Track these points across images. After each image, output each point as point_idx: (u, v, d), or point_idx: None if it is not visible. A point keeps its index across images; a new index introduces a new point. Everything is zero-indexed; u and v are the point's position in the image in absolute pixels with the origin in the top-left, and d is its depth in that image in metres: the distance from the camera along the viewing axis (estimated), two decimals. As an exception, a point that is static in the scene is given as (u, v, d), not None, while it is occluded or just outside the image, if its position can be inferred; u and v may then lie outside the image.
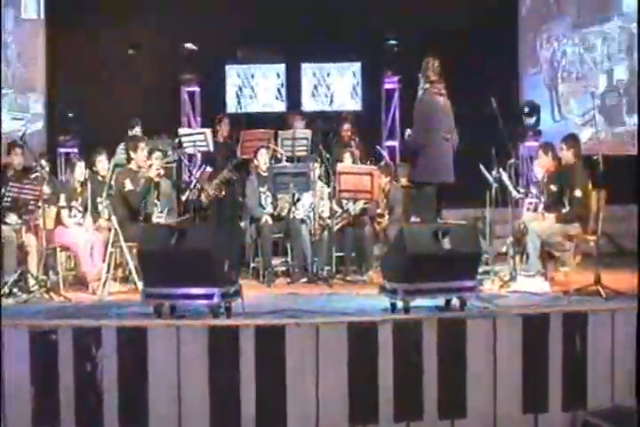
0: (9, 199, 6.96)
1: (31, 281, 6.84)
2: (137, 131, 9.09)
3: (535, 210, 7.40)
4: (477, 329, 5.33)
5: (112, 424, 5.10)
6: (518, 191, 7.56)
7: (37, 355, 5.17)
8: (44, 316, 5.71)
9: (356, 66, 11.44)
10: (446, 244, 5.54)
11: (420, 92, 6.90)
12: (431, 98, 6.83)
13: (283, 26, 10.83)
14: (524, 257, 7.23)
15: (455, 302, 5.73)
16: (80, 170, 7.55)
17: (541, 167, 7.52)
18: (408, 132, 6.95)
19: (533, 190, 7.67)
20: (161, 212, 7.62)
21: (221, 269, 5.60)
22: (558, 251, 6.96)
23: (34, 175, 7.19)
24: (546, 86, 11.59)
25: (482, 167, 7.69)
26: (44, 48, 10.84)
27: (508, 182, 7.42)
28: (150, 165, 7.47)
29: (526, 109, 10.47)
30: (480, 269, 6.53)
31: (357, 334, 5.21)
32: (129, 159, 7.53)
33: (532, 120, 10.43)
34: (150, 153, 7.63)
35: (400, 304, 5.56)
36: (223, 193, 8.33)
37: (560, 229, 6.86)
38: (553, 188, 7.08)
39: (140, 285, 6.30)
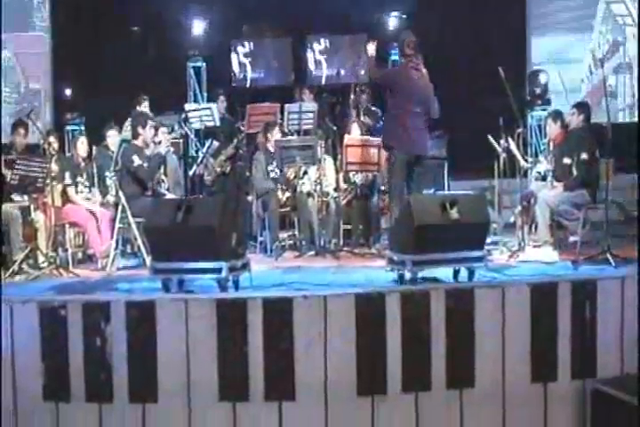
0: (16, 177, 6.97)
1: (41, 258, 6.89)
2: (144, 107, 9.07)
3: (544, 179, 7.35)
4: (485, 299, 5.29)
5: (122, 398, 5.12)
6: (526, 161, 7.52)
7: (47, 330, 5.18)
8: (53, 292, 5.73)
9: (363, 37, 11.33)
10: (454, 214, 5.50)
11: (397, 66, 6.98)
12: (405, 71, 6.90)
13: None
14: (533, 227, 7.21)
15: (463, 272, 5.71)
16: (83, 146, 7.56)
17: (550, 135, 7.47)
18: None
19: (542, 159, 7.62)
20: (168, 188, 7.62)
21: (229, 243, 5.60)
22: (567, 220, 6.92)
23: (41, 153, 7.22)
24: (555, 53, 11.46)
25: (490, 137, 7.64)
26: (50, 26, 10.77)
27: (516, 152, 7.38)
28: (159, 142, 7.47)
29: (535, 78, 10.38)
30: (488, 240, 6.53)
31: (365, 306, 5.19)
32: (136, 135, 7.52)
33: (540, 88, 10.34)
34: (157, 129, 7.62)
35: (408, 275, 5.55)
36: (229, 168, 8.33)
37: (569, 197, 6.82)
38: (561, 156, 7.03)
39: (148, 260, 6.31)
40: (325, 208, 7.74)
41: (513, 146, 7.38)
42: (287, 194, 7.84)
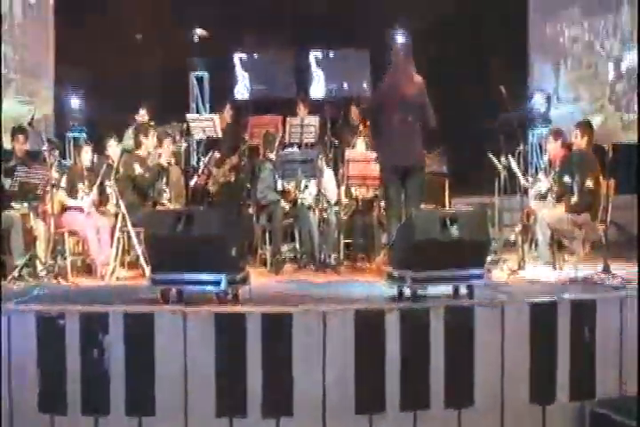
0: (16, 184, 6.95)
1: (40, 266, 6.86)
2: (143, 114, 9.07)
3: (544, 198, 7.36)
4: (485, 317, 5.30)
5: (119, 410, 5.10)
6: (527, 179, 7.52)
7: (44, 340, 5.17)
8: (51, 301, 5.71)
9: (365, 52, 11.36)
10: (455, 231, 5.49)
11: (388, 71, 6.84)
12: (390, 78, 6.71)
13: (292, 12, 10.77)
14: (533, 245, 7.21)
15: (463, 290, 5.70)
16: (87, 154, 7.54)
17: (550, 154, 7.48)
18: None
19: (542, 177, 7.63)
20: (169, 198, 7.61)
21: (229, 255, 5.57)
22: (567, 239, 6.92)
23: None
24: (554, 73, 11.51)
25: (490, 155, 7.65)
26: (54, 33, 10.78)
27: (516, 170, 7.38)
28: (160, 154, 7.46)
29: (536, 96, 10.42)
30: (489, 258, 6.52)
31: (364, 322, 5.19)
32: (138, 145, 7.51)
33: (541, 107, 10.38)
34: (161, 139, 7.62)
35: (408, 292, 5.53)
36: (233, 178, 8.32)
37: (569, 217, 6.82)
38: (563, 176, 7.03)
39: (147, 270, 6.29)
40: (326, 222, 7.73)
41: (513, 164, 7.39)
42: (288, 207, 7.83)
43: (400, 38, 6.93)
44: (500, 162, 7.55)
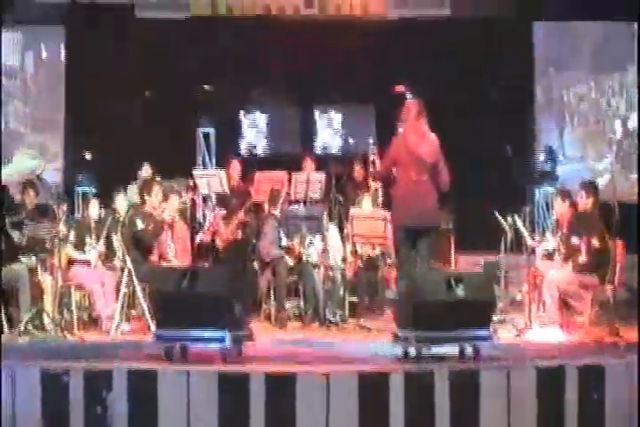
0: (25, 238, 6.99)
1: (46, 319, 6.87)
2: (146, 170, 9.16)
3: (551, 257, 7.35)
4: (491, 380, 5.22)
5: (119, 469, 5.03)
6: (534, 239, 7.52)
7: (48, 396, 5.13)
8: (56, 355, 5.69)
9: (371, 109, 11.45)
10: (460, 291, 5.49)
11: (399, 130, 6.80)
12: (405, 137, 6.56)
13: (297, 69, 10.93)
14: (540, 305, 7.17)
15: (469, 350, 5.65)
16: (94, 208, 7.60)
17: (558, 214, 7.49)
18: None
19: (549, 237, 7.62)
20: (175, 254, 7.62)
21: (233, 312, 5.57)
22: (575, 300, 6.89)
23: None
24: (560, 130, 11.59)
25: (496, 213, 7.67)
26: (65, 89, 10.94)
27: (523, 230, 7.39)
28: (164, 209, 7.51)
29: (543, 154, 10.47)
30: (495, 318, 6.48)
31: (369, 383, 5.13)
32: (142, 200, 7.56)
33: (548, 165, 10.41)
34: (166, 195, 7.67)
35: (413, 352, 5.49)
36: (237, 235, 8.34)
37: (577, 278, 6.80)
38: (570, 236, 7.03)
39: (152, 324, 6.27)
40: (331, 279, 7.73)
41: (520, 223, 7.40)
42: (293, 262, 7.83)
43: (411, 96, 6.85)
44: (506, 221, 7.56)
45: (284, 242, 7.89)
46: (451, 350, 5.65)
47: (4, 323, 6.80)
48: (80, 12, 10.84)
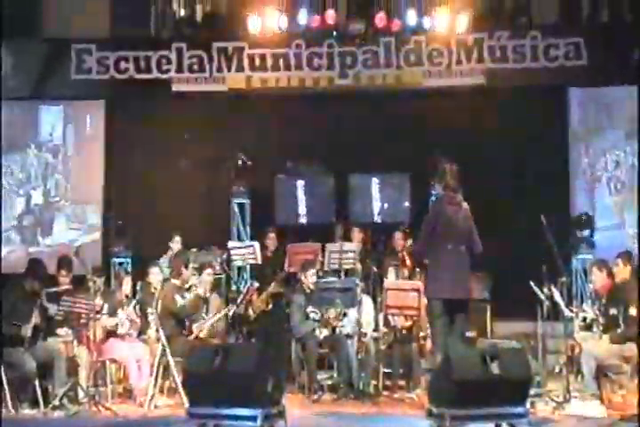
0: (61, 313, 7.06)
1: (81, 393, 6.90)
2: (177, 241, 9.22)
3: (589, 328, 7.22)
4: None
5: None
6: (571, 310, 7.41)
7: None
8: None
9: (406, 176, 11.44)
10: (495, 368, 5.39)
11: (433, 199, 6.76)
12: (441, 207, 6.61)
13: (332, 138, 11.05)
14: (579, 377, 7.01)
15: (506, 427, 5.53)
16: (127, 285, 7.68)
17: (595, 284, 7.38)
18: None
19: (586, 308, 7.50)
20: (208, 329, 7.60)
21: (265, 389, 5.54)
22: (615, 373, 6.74)
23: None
24: (597, 197, 11.50)
25: (532, 284, 7.58)
26: (103, 162, 11.19)
27: (559, 300, 7.30)
28: (200, 282, 7.55)
29: (580, 221, 10.36)
30: (532, 391, 6.33)
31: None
32: (177, 275, 7.61)
33: (585, 232, 10.29)
34: (201, 269, 7.72)
35: (448, 430, 5.39)
36: (270, 306, 8.33)
37: (616, 350, 6.67)
38: (608, 307, 6.92)
39: (185, 400, 6.26)
40: (365, 350, 7.65)
41: (556, 294, 7.31)
42: (326, 333, 7.76)
43: (448, 166, 6.78)
44: (543, 292, 7.46)
45: (316, 315, 7.80)
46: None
47: (40, 397, 6.82)
48: (119, 86, 11.14)
